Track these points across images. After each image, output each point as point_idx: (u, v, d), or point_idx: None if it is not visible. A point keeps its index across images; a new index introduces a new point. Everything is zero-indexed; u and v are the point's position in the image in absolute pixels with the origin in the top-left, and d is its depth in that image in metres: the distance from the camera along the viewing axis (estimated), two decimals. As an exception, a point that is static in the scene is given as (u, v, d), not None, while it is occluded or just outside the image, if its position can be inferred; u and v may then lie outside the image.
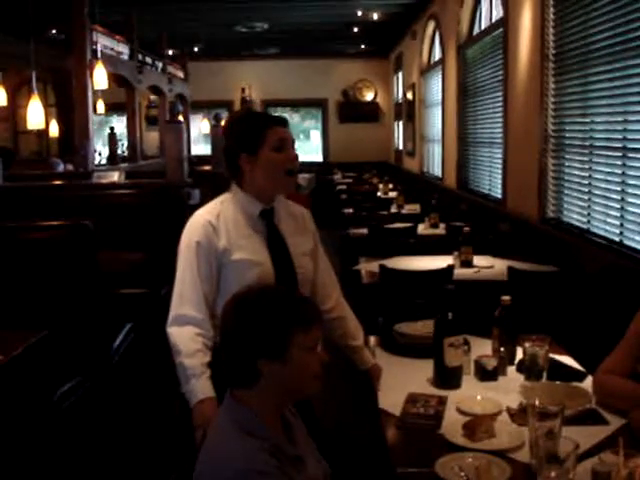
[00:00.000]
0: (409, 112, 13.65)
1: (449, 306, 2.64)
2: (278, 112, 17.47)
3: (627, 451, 1.74)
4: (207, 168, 10.21)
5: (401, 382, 2.69)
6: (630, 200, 4.18)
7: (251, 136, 2.47)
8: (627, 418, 2.30)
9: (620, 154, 4.32)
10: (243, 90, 17.06)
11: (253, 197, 2.52)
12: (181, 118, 13.48)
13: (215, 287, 2.44)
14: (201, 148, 16.99)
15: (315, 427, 2.68)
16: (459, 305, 2.70)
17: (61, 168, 10.41)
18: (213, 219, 2.47)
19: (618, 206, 4.33)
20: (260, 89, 17.10)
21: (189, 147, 14.40)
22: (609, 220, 4.48)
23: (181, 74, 16.19)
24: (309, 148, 18.22)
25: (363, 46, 16.22)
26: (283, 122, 2.54)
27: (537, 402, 2.01)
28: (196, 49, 16.00)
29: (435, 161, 11.25)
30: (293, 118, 18.18)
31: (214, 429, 1.78)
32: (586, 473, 1.83)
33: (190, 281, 2.42)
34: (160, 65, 14.27)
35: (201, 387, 2.26)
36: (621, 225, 4.29)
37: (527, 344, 2.64)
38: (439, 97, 10.50)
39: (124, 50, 11.96)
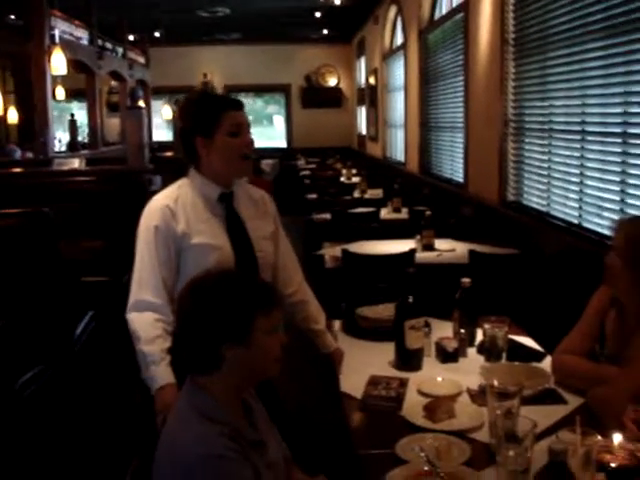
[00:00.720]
0: (372, 97, 13.66)
1: (410, 289, 2.66)
2: (241, 97, 17.31)
3: (584, 429, 1.76)
4: (169, 154, 10.16)
5: (363, 365, 2.70)
6: (588, 183, 4.23)
7: (206, 120, 2.44)
8: (585, 397, 2.33)
9: (579, 137, 4.36)
10: (205, 75, 16.93)
11: (211, 181, 2.50)
12: (142, 104, 13.33)
13: (174, 272, 2.42)
14: (163, 134, 16.85)
15: (278, 411, 2.69)
16: (420, 288, 2.72)
17: (18, 155, 10.25)
18: (171, 203, 2.45)
19: (577, 189, 4.38)
20: (222, 74, 16.99)
21: (150, 133, 14.25)
22: (568, 203, 4.53)
23: (142, 60, 16.03)
24: (273, 134, 18.17)
25: (326, 31, 16.18)
26: (238, 105, 2.51)
27: (496, 382, 2.04)
28: (157, 34, 15.83)
29: (398, 146, 11.29)
30: (256, 103, 18.11)
31: (174, 415, 1.77)
32: (544, 452, 1.85)
33: (149, 266, 2.40)
34: (120, 50, 14.12)
35: (161, 373, 2.25)
36: (580, 208, 4.35)
37: (487, 326, 2.67)
38: (401, 82, 10.52)
39: (83, 35, 11.81)
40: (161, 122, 17.40)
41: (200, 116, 2.47)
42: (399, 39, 11.09)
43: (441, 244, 5.06)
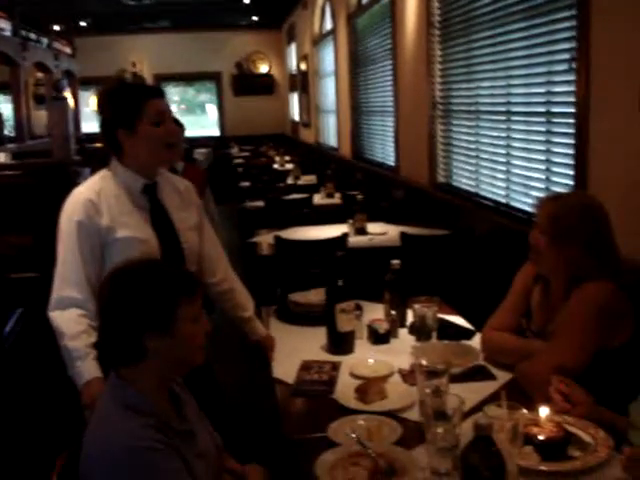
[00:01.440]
0: (304, 83, 13.64)
1: (340, 273, 2.66)
2: (172, 86, 17.18)
3: (510, 403, 1.79)
4: (98, 145, 9.97)
5: (296, 350, 2.71)
6: (515, 162, 4.29)
7: (127, 111, 2.37)
8: (513, 372, 2.38)
9: (504, 118, 4.42)
10: (134, 64, 16.64)
11: (134, 172, 2.45)
12: (68, 95, 13.05)
13: (99, 266, 2.35)
14: (93, 125, 16.51)
15: (216, 399, 2.68)
16: (351, 271, 2.73)
17: None
18: (93, 196, 2.38)
19: (504, 169, 4.45)
20: (152, 63, 16.72)
21: (78, 124, 13.99)
22: (496, 183, 4.60)
23: (68, 50, 15.68)
24: (205, 122, 17.99)
25: (255, 18, 16.06)
26: (159, 93, 2.46)
27: (424, 362, 2.05)
28: (84, 24, 15.50)
29: (330, 131, 11.30)
30: (188, 92, 17.92)
31: (99, 410, 1.74)
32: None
33: (71, 262, 2.34)
34: (45, 41, 13.80)
35: (87, 368, 2.21)
36: (507, 187, 4.41)
37: (417, 306, 2.69)
38: (332, 67, 10.51)
39: (6, 26, 11.51)
40: (90, 113, 17.06)
41: (120, 108, 2.40)
42: (328, 24, 11.07)
43: (374, 227, 5.09)
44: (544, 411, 1.95)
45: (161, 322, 1.68)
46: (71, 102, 13.36)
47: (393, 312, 2.85)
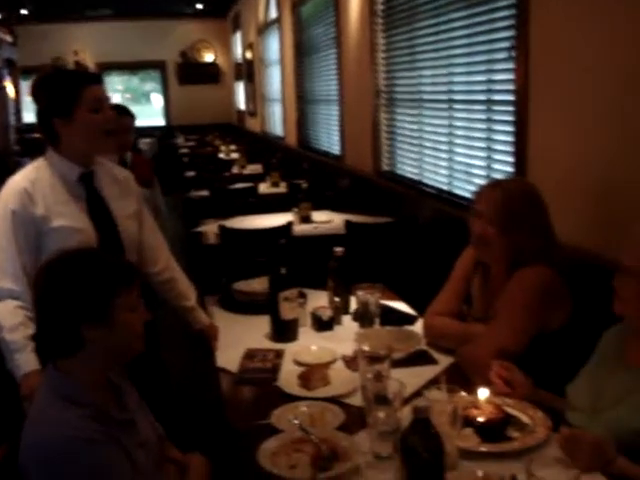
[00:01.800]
0: (249, 72, 13.57)
1: (283, 261, 2.66)
2: (115, 75, 16.94)
3: (450, 386, 1.82)
4: (39, 135, 9.79)
5: (240, 339, 2.70)
6: (457, 150, 4.33)
7: (64, 98, 2.34)
8: (454, 356, 2.41)
9: (446, 106, 4.46)
10: (76, 53, 16.33)
11: (70, 160, 2.41)
12: (9, 84, 12.77)
13: (34, 257, 2.31)
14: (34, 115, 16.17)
15: (163, 388, 2.66)
16: (295, 259, 2.73)
17: None
18: (28, 185, 2.34)
19: (446, 157, 4.48)
20: (94, 52, 16.42)
21: (19, 114, 13.71)
22: (439, 171, 4.63)
23: (9, 38, 15.28)
24: (150, 112, 17.75)
25: (200, 6, 15.88)
26: (97, 80, 2.43)
27: (366, 347, 2.07)
28: (25, 12, 15.13)
29: (276, 120, 11.27)
30: (132, 81, 17.67)
31: (37, 401, 1.72)
32: (413, 411, 1.90)
33: (7, 253, 2.30)
34: (-16, 29, 13.44)
35: (25, 361, 2.18)
36: (450, 175, 4.45)
37: (360, 292, 2.71)
38: (277, 56, 10.48)
39: (-58, 13, 11.18)
40: (31, 103, 16.66)
41: (57, 95, 2.37)
42: (273, 13, 11.02)
43: (318, 216, 5.11)
44: (483, 393, 1.98)
45: (98, 312, 1.66)
46: (11, 91, 13.08)
47: (337, 299, 2.86)
